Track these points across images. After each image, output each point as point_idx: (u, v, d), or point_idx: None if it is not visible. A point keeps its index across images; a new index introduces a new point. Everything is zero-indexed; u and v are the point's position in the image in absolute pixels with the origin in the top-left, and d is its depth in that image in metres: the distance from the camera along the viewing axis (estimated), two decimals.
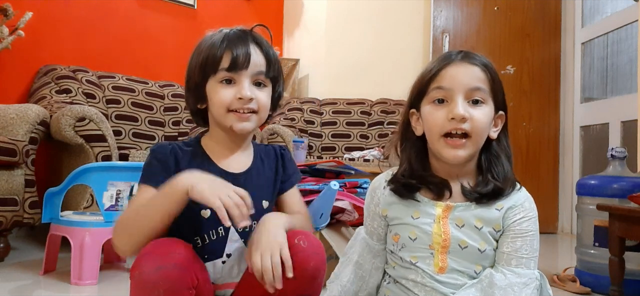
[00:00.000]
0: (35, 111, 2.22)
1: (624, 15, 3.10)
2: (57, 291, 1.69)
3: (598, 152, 3.32)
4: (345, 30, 3.83)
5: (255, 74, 0.99)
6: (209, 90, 0.99)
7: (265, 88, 1.01)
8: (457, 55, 0.94)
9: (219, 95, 0.97)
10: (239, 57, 0.96)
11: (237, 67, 0.96)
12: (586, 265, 1.97)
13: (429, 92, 0.94)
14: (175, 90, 3.24)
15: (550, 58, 3.61)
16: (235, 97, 0.97)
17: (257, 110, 0.99)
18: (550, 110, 3.59)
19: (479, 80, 0.92)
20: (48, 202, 1.83)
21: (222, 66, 0.97)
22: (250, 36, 1.01)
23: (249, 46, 0.98)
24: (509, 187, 0.94)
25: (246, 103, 0.97)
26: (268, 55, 1.01)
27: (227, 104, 0.97)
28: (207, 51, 0.98)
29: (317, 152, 3.49)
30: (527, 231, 0.92)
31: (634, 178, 1.87)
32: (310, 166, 1.84)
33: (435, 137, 0.92)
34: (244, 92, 0.96)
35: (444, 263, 0.92)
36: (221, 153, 1.03)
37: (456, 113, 0.89)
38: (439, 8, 3.64)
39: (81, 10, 3.08)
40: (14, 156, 2.05)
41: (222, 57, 0.97)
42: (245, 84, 0.97)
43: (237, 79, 0.97)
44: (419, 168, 0.97)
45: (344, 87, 3.75)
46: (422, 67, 1.01)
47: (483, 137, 0.92)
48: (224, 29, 1.02)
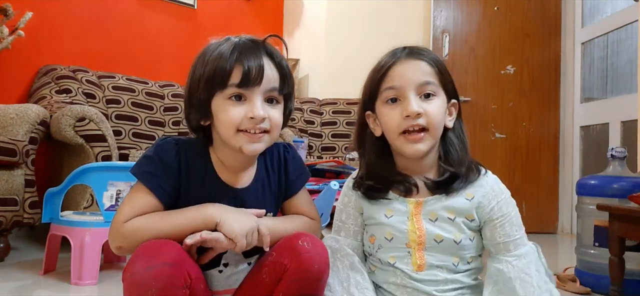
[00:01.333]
0: (35, 111, 2.22)
1: (624, 15, 3.10)
2: (57, 291, 1.69)
3: (598, 152, 3.32)
4: (345, 30, 3.82)
5: (269, 90, 0.90)
6: (216, 107, 0.90)
7: (278, 105, 0.93)
8: (403, 52, 0.97)
9: (228, 114, 0.88)
10: (252, 72, 0.87)
11: (249, 83, 0.87)
12: (586, 265, 1.97)
13: (381, 92, 0.96)
14: (175, 90, 3.24)
15: (550, 58, 3.61)
16: (247, 116, 0.88)
17: (269, 130, 0.91)
18: (550, 110, 3.59)
19: (428, 74, 0.94)
20: (48, 202, 1.83)
21: (232, 81, 0.87)
22: (263, 47, 0.92)
23: (261, 59, 0.89)
24: (472, 173, 0.95)
25: (258, 123, 0.88)
26: (282, 69, 0.93)
27: (237, 124, 0.88)
28: (215, 62, 0.88)
29: (317, 152, 3.49)
30: (507, 213, 0.94)
31: (634, 178, 1.87)
32: (310, 166, 1.84)
33: (394, 135, 0.94)
34: (256, 111, 0.87)
35: (422, 260, 0.92)
36: (225, 169, 0.96)
37: (410, 111, 0.91)
38: (439, 8, 3.64)
39: (81, 10, 3.08)
40: (14, 156, 2.05)
41: (232, 70, 0.87)
42: (257, 102, 0.88)
43: (248, 96, 0.88)
44: (380, 169, 0.98)
45: (344, 87, 3.74)
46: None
47: (440, 128, 0.95)
48: (231, 38, 0.92)
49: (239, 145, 0.89)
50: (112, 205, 1.76)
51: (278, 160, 1.03)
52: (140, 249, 0.82)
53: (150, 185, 0.89)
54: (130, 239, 0.86)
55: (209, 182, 0.93)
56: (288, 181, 1.03)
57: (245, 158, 0.95)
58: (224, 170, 0.96)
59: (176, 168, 0.91)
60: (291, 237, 0.91)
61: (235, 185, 0.96)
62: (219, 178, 0.95)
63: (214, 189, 0.94)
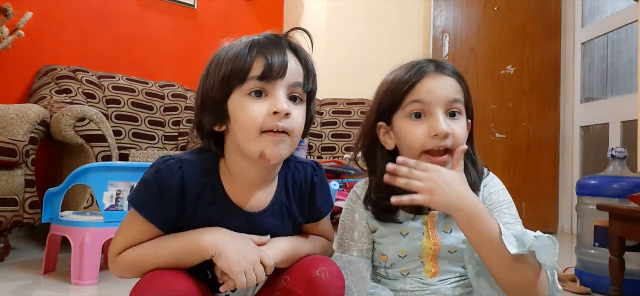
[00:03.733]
0: (35, 111, 2.22)
1: (624, 15, 3.10)
2: (57, 291, 1.69)
3: (598, 152, 3.32)
4: (345, 30, 3.83)
5: (292, 85, 0.82)
6: (233, 107, 0.81)
7: (301, 104, 0.84)
8: (429, 66, 0.91)
9: (249, 112, 0.79)
10: (275, 64, 0.79)
11: (272, 75, 0.79)
12: (586, 265, 1.97)
13: (404, 106, 0.90)
14: (175, 90, 3.24)
15: (550, 58, 3.61)
16: (269, 112, 0.79)
17: (289, 132, 0.81)
18: (550, 110, 3.59)
19: (457, 92, 0.90)
20: (48, 202, 1.83)
21: (252, 74, 0.79)
22: (286, 40, 0.85)
23: (285, 51, 0.83)
24: (479, 182, 0.93)
25: (282, 119, 0.79)
26: (307, 64, 0.86)
27: (260, 123, 0.79)
28: (231, 61, 0.80)
29: (317, 152, 3.49)
30: (502, 201, 0.92)
31: (634, 178, 1.87)
32: None
33: (415, 153, 0.88)
34: (280, 104, 0.79)
35: (436, 267, 0.92)
36: (237, 187, 0.86)
37: (439, 130, 0.86)
38: (439, 8, 3.64)
39: (81, 10, 3.08)
40: (14, 156, 2.05)
41: (253, 63, 0.80)
42: (280, 96, 0.80)
43: (270, 91, 0.80)
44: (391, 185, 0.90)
45: (344, 87, 3.74)
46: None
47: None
48: (245, 37, 0.85)
49: (260, 149, 0.79)
50: (112, 205, 1.76)
51: (303, 182, 0.92)
52: (148, 280, 0.78)
53: (142, 210, 0.81)
54: (128, 272, 0.83)
55: (218, 205, 0.85)
56: (313, 208, 0.94)
57: (263, 172, 0.85)
58: (235, 188, 0.86)
59: (178, 197, 0.81)
60: (308, 265, 0.85)
61: (247, 207, 0.86)
62: (229, 199, 0.85)
63: (223, 212, 0.85)
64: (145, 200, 0.81)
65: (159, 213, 0.81)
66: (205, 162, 0.85)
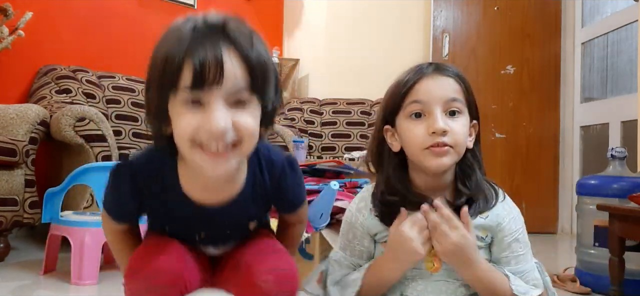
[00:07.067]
0: (35, 111, 2.22)
1: (624, 16, 3.10)
2: (57, 291, 1.69)
3: (598, 152, 3.32)
4: (345, 30, 3.82)
5: (233, 92, 0.69)
6: (172, 112, 0.71)
7: (249, 107, 0.71)
8: (428, 68, 0.93)
9: (179, 123, 0.69)
10: (206, 69, 0.66)
11: (204, 84, 0.67)
12: (586, 265, 1.97)
13: (404, 106, 0.92)
14: None
15: (550, 58, 3.61)
16: (203, 127, 0.68)
17: (238, 142, 0.71)
18: (550, 110, 3.59)
19: (455, 91, 0.91)
20: (48, 202, 1.82)
21: (183, 83, 0.67)
22: (222, 34, 0.70)
23: (219, 50, 0.68)
24: (490, 199, 0.93)
25: (219, 137, 0.68)
26: (249, 59, 0.69)
27: (189, 136, 0.69)
28: (163, 63, 0.69)
29: (317, 152, 3.49)
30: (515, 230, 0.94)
31: (634, 178, 1.87)
32: (310, 166, 1.84)
33: (417, 150, 0.90)
34: (214, 122, 0.67)
35: (438, 263, 0.92)
36: (197, 184, 0.80)
37: (436, 127, 0.87)
38: (439, 8, 3.64)
39: (81, 10, 3.08)
40: (14, 156, 2.05)
41: (183, 68, 0.67)
42: (216, 109, 0.67)
43: (206, 101, 0.68)
44: (397, 185, 0.94)
45: (344, 87, 3.75)
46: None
47: (464, 147, 0.92)
48: (192, 17, 0.73)
49: (197, 164, 0.72)
50: None
51: (271, 177, 0.85)
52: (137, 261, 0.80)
53: (110, 211, 0.88)
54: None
55: (178, 206, 0.81)
56: (286, 202, 0.90)
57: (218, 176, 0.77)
58: (195, 185, 0.80)
59: (134, 201, 0.83)
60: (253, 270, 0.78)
61: (209, 203, 0.81)
62: (188, 198, 0.80)
63: (182, 211, 0.83)
64: (111, 204, 0.87)
65: (122, 213, 0.87)
66: (159, 159, 0.80)
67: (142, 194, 0.82)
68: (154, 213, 0.88)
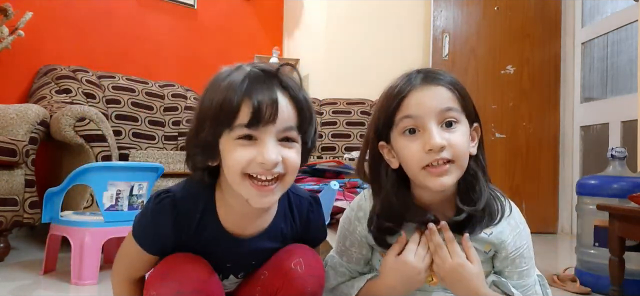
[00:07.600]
0: (35, 111, 2.22)
1: (624, 16, 3.10)
2: (57, 291, 1.69)
3: (598, 152, 3.32)
4: (345, 30, 3.83)
5: (284, 129, 0.78)
6: (223, 147, 0.79)
7: (294, 144, 0.80)
8: (417, 78, 0.86)
9: (234, 156, 0.77)
10: (263, 109, 0.75)
11: (260, 122, 0.75)
12: (586, 265, 1.97)
13: (396, 123, 0.86)
14: (175, 90, 3.24)
15: (550, 58, 3.61)
16: (256, 161, 0.76)
17: (283, 174, 0.79)
18: (550, 110, 3.59)
19: (448, 100, 0.85)
20: (48, 202, 1.82)
21: (239, 121, 0.75)
22: (276, 78, 0.79)
23: (275, 93, 0.77)
24: (494, 214, 0.88)
25: (270, 168, 0.77)
26: (299, 102, 0.80)
27: (243, 167, 0.77)
28: (222, 97, 0.76)
29: (317, 152, 3.49)
30: (520, 246, 0.92)
31: (634, 178, 1.87)
32: (310, 166, 1.85)
33: (416, 170, 0.85)
34: (267, 155, 0.75)
35: (437, 278, 0.91)
36: (232, 215, 0.87)
37: (433, 144, 0.81)
38: (439, 8, 3.64)
39: (81, 10, 3.08)
40: (14, 156, 2.05)
41: (240, 108, 0.75)
42: (269, 144, 0.76)
43: (260, 137, 0.77)
44: (398, 202, 0.89)
45: (344, 87, 3.75)
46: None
47: (466, 158, 0.86)
48: (243, 66, 0.80)
49: (245, 196, 0.79)
50: (112, 205, 1.76)
51: (300, 215, 0.94)
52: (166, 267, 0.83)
53: (141, 241, 0.87)
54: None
55: (213, 237, 0.87)
56: (310, 235, 0.97)
57: (256, 209, 0.84)
58: (230, 216, 0.87)
59: (172, 234, 0.85)
60: (284, 258, 0.87)
61: (241, 234, 0.88)
62: (223, 229, 0.87)
63: (216, 240, 0.88)
64: (146, 236, 0.87)
65: (154, 244, 0.87)
66: (198, 193, 0.86)
67: (181, 227, 0.85)
68: (187, 243, 0.87)
